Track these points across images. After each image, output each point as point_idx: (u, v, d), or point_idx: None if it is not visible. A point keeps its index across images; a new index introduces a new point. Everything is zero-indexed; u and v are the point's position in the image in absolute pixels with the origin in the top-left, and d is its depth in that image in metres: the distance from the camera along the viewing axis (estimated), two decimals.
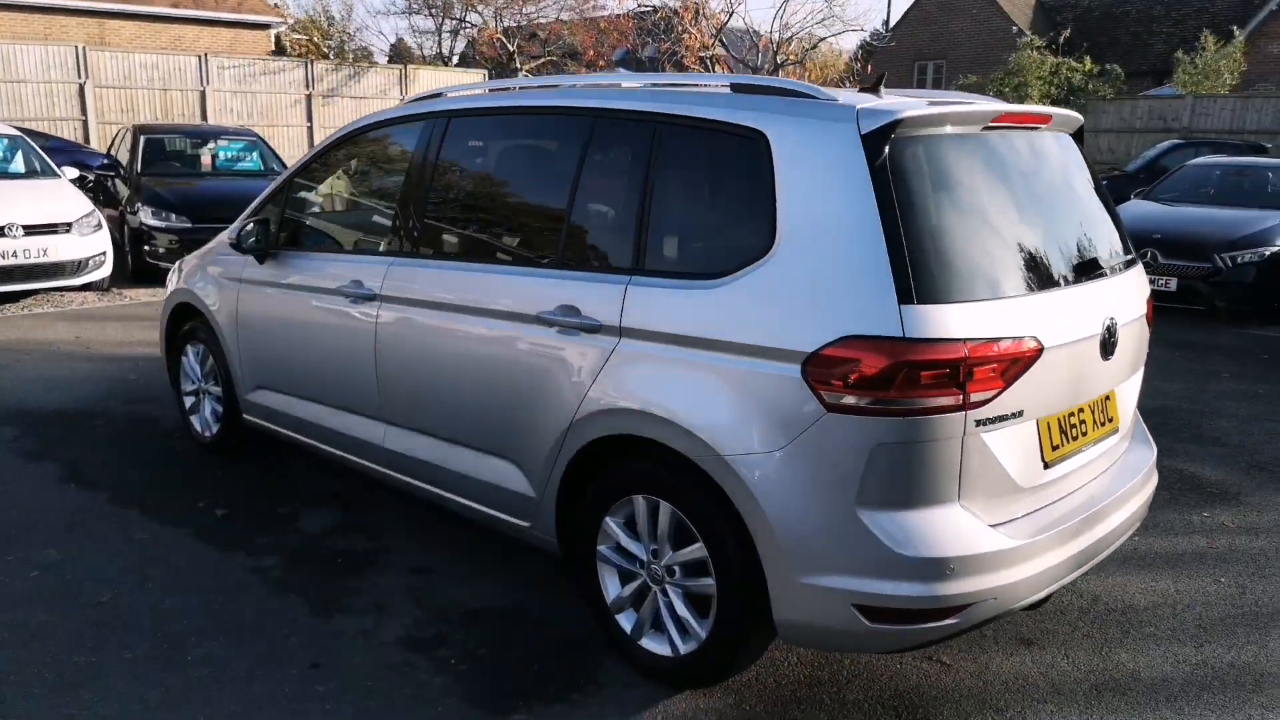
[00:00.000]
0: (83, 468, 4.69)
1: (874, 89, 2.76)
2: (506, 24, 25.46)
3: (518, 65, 24.84)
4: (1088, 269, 2.92)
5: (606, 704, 2.86)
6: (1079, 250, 2.95)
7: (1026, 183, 2.90)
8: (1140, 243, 8.60)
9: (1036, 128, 3.01)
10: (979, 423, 2.46)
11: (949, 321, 2.40)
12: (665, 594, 2.90)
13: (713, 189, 2.85)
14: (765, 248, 2.59)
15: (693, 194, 2.88)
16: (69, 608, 3.36)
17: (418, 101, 3.87)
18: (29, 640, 3.14)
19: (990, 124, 2.78)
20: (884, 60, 30.83)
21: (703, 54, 27.19)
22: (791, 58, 26.86)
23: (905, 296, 2.39)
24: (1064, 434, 2.76)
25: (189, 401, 5.05)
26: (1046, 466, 2.70)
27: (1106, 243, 3.10)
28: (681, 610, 2.85)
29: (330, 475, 4.64)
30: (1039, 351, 2.55)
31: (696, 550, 2.76)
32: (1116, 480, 3.00)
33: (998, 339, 2.45)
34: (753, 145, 2.68)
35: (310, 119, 20.73)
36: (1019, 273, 2.65)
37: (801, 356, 2.47)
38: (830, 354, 2.42)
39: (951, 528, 2.46)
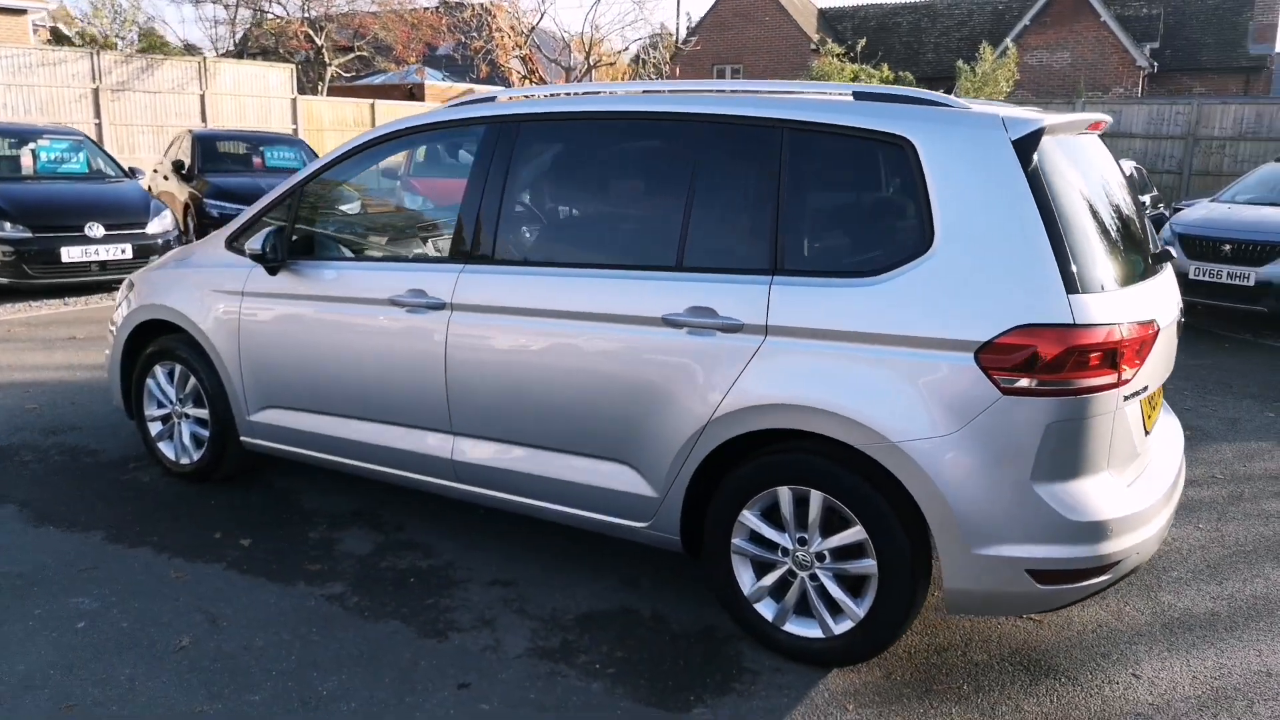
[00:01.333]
0: (47, 508, 4.22)
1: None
2: (312, 15, 24.26)
3: (327, 60, 23.77)
4: (1157, 258, 3.32)
5: (770, 689, 2.96)
6: (1148, 241, 3.34)
7: (1102, 182, 3.24)
8: (1219, 241, 8.65)
9: (1097, 133, 3.37)
10: (1125, 397, 2.76)
11: (1103, 308, 2.69)
12: (815, 579, 3.04)
13: (855, 192, 3.01)
14: (923, 246, 2.78)
15: (833, 197, 3.03)
16: (149, 658, 3.07)
17: (465, 106, 3.77)
18: (129, 695, 2.85)
19: (1085, 130, 3.10)
20: (685, 63, 31.81)
21: (516, 54, 27.10)
22: (605, 59, 27.25)
23: (1071, 287, 2.65)
24: (1151, 406, 3.13)
25: (155, 428, 4.63)
26: (1146, 434, 3.06)
27: (1150, 235, 3.52)
28: (836, 592, 3.00)
29: (331, 493, 4.43)
30: (1159, 333, 2.89)
31: (853, 534, 2.92)
32: (1171, 445, 3.41)
33: (1136, 322, 2.76)
34: (899, 151, 2.87)
35: (99, 114, 18.94)
36: (1123, 263, 2.98)
37: (974, 346, 2.68)
38: (1005, 342, 2.65)
39: (1107, 492, 2.76)
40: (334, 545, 3.93)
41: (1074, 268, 2.67)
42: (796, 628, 3.09)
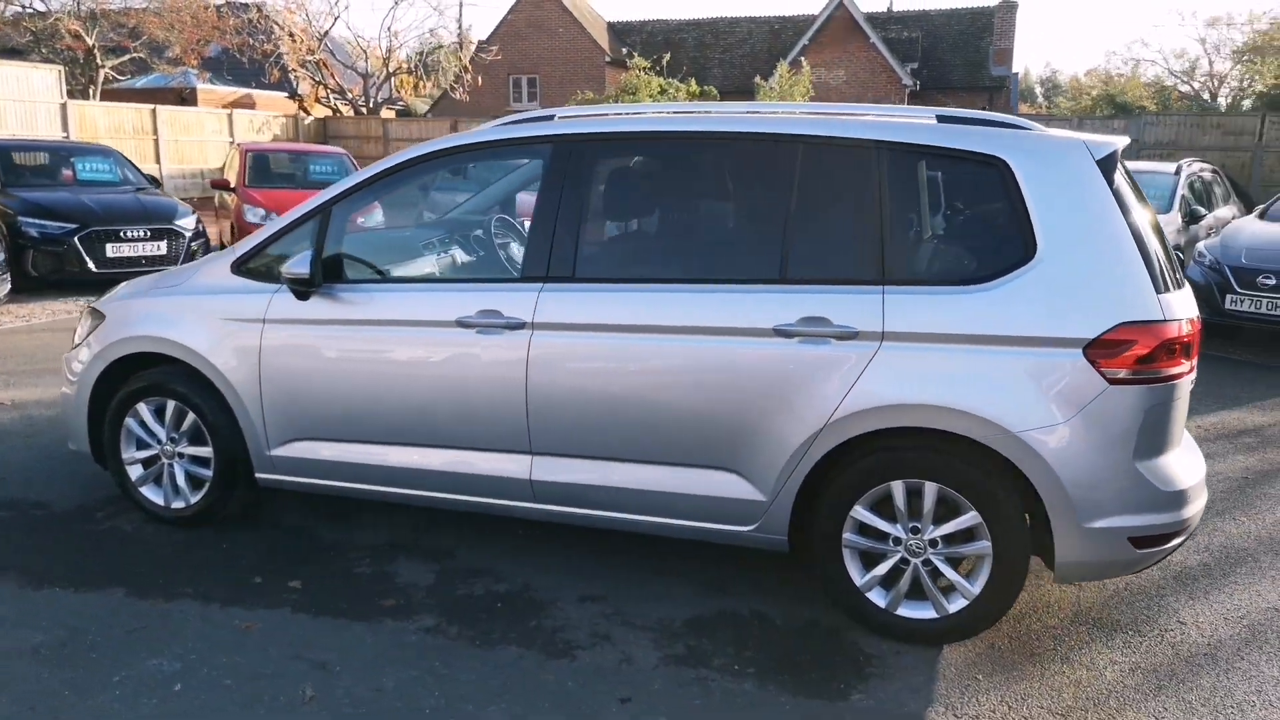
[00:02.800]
0: (34, 570, 3.77)
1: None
2: (83, 10, 22.00)
3: (100, 62, 21.62)
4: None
5: (902, 669, 3.19)
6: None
7: (1138, 195, 3.66)
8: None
9: None
10: (1190, 383, 3.21)
11: (1178, 306, 3.12)
12: (928, 564, 3.29)
13: (955, 207, 3.30)
14: (1026, 255, 3.11)
15: (935, 211, 3.30)
16: (284, 713, 2.87)
17: (521, 125, 3.74)
18: None
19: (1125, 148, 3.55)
20: (484, 72, 31.57)
21: (309, 58, 25.92)
22: (403, 66, 26.61)
23: (1158, 288, 3.06)
24: None
25: (136, 472, 4.23)
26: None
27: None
28: (951, 574, 3.27)
29: (350, 527, 4.24)
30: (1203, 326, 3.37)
31: (967, 520, 3.20)
32: None
33: (1193, 318, 3.22)
34: (994, 170, 3.18)
35: None
36: (1172, 266, 3.40)
37: (1083, 342, 3.03)
38: (1111, 338, 3.02)
39: (1182, 465, 3.20)
40: (392, 579, 3.77)
41: (1155, 271, 3.09)
42: (910, 611, 3.33)
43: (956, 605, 3.28)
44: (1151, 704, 3.02)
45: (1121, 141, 3.23)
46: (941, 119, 3.39)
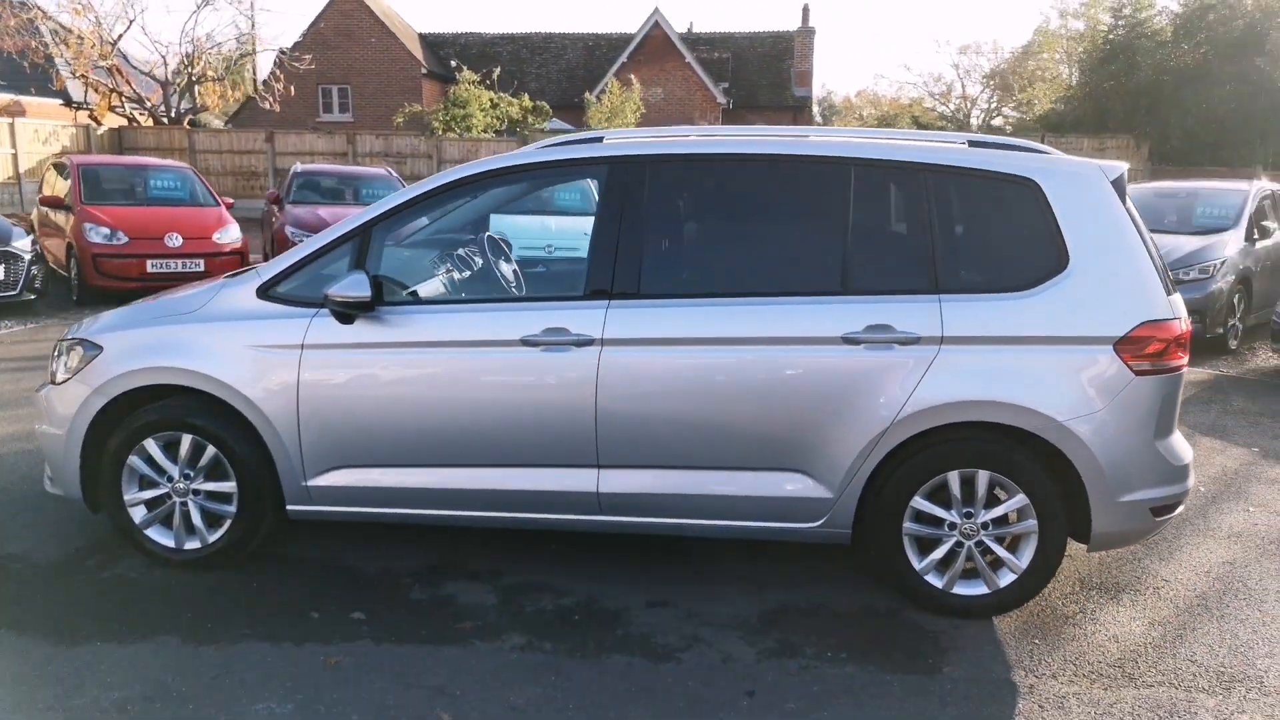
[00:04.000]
0: (57, 627, 3.47)
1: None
2: None
3: None
4: None
5: (970, 642, 3.52)
6: None
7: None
8: None
9: None
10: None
11: (1179, 307, 3.63)
12: (980, 544, 3.65)
13: (994, 221, 3.67)
14: (1060, 265, 3.53)
15: (977, 226, 3.65)
16: None
17: (573, 146, 3.82)
18: None
19: None
20: (294, 82, 30.23)
21: (100, 64, 23.94)
22: (210, 74, 25.10)
23: (1166, 291, 3.56)
24: None
25: (139, 514, 3.95)
26: None
27: None
28: (1001, 552, 3.63)
29: (380, 554, 4.14)
30: None
31: (1015, 502, 3.58)
32: None
33: (1187, 316, 3.74)
34: (1027, 190, 3.59)
35: None
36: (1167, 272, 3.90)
37: (1113, 340, 3.48)
38: (1136, 335, 3.48)
39: (1182, 442, 3.72)
40: (454, 601, 3.74)
41: (1162, 276, 3.59)
42: (964, 589, 3.68)
43: (1006, 580, 3.65)
44: (1184, 650, 3.50)
45: (1124, 166, 3.72)
46: (972, 143, 3.77)
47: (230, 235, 11.32)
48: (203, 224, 11.29)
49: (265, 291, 3.84)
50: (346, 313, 3.68)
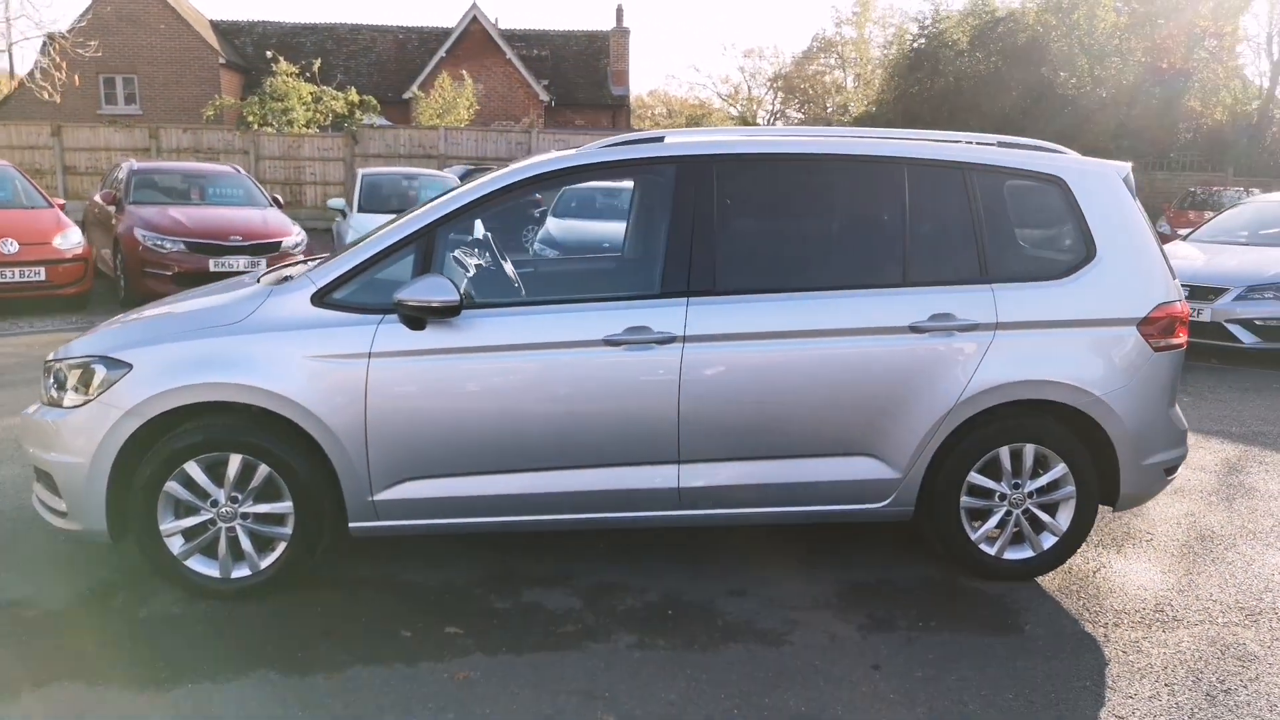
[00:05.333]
0: (127, 674, 3.16)
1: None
2: None
3: None
4: None
5: (1030, 601, 3.84)
6: None
7: None
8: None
9: None
10: None
11: (1180, 290, 4.10)
12: (1027, 512, 3.98)
13: (1030, 216, 4.00)
14: (1089, 255, 3.91)
15: (1017, 220, 3.97)
16: None
17: (634, 145, 3.83)
18: None
19: None
20: (76, 69, 27.57)
21: None
22: None
23: (1173, 275, 4.02)
24: None
25: (177, 544, 3.63)
26: None
27: None
28: (1045, 518, 3.98)
29: (436, 565, 4.02)
30: None
31: (1057, 471, 3.94)
32: None
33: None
34: (1056, 187, 3.95)
35: None
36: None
37: (1136, 320, 3.90)
38: (1155, 316, 3.92)
39: (1179, 410, 4.20)
40: (540, 607, 3.69)
41: (1168, 263, 4.05)
42: (1013, 554, 4.00)
43: (1048, 543, 4.00)
44: (1203, 591, 3.97)
45: (1129, 165, 4.16)
46: (1002, 144, 4.10)
47: (71, 240, 10.27)
48: (40, 228, 10.20)
49: (321, 298, 3.62)
50: (420, 317, 3.54)
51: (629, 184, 14.26)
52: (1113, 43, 22.23)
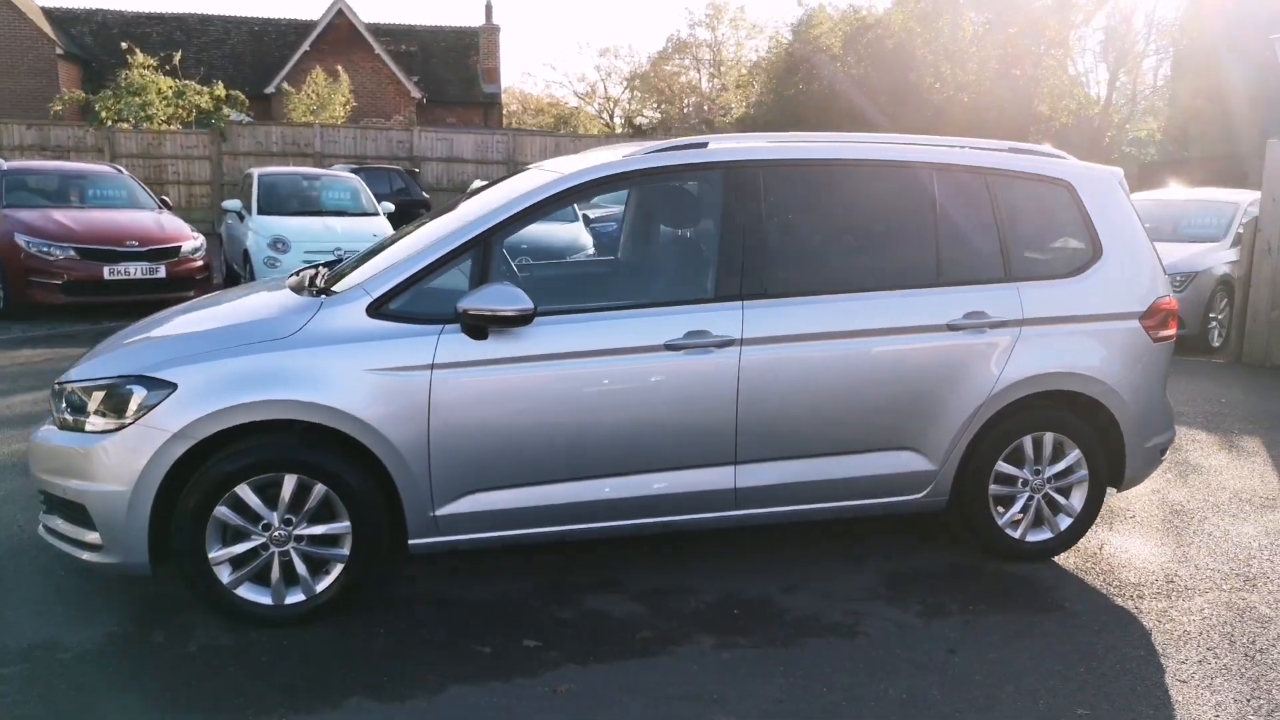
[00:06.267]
0: (208, 712, 2.98)
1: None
2: None
3: None
4: None
5: (1058, 581, 4.09)
6: None
7: None
8: None
9: None
10: None
11: (1169, 285, 4.45)
12: (1047, 497, 4.23)
13: (1043, 217, 4.24)
14: (1096, 254, 4.20)
15: (1031, 221, 4.20)
16: None
17: (681, 151, 3.84)
18: None
19: None
20: None
21: None
22: None
23: (1163, 271, 4.36)
24: None
25: (225, 572, 3.43)
26: None
27: None
28: (1062, 501, 4.24)
29: (489, 579, 3.94)
30: None
31: (1072, 457, 4.21)
32: None
33: None
34: (1065, 191, 4.21)
35: None
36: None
37: (1138, 314, 4.21)
38: (1153, 309, 4.24)
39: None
40: (607, 615, 3.67)
41: (1159, 260, 4.38)
42: (1035, 537, 4.25)
43: (1064, 524, 4.27)
44: (1200, 560, 4.32)
45: (1121, 171, 4.47)
46: (1013, 150, 4.33)
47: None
48: None
49: (377, 309, 3.49)
50: (483, 327, 3.47)
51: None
52: (971, 49, 23.57)
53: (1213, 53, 22.04)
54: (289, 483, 3.41)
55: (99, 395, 3.41)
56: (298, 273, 4.37)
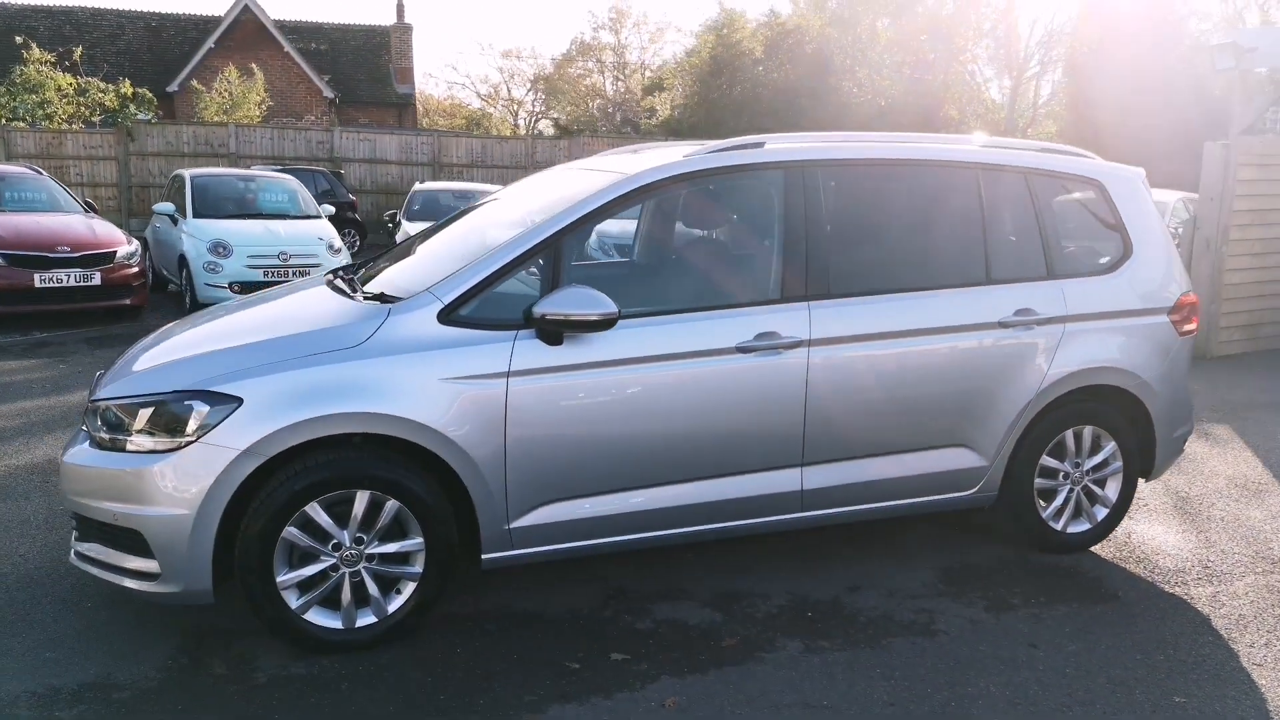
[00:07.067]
0: None
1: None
2: None
3: None
4: None
5: (1102, 572, 4.19)
6: None
7: None
8: None
9: None
10: None
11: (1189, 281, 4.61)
12: (1085, 489, 4.33)
13: (1079, 216, 4.32)
14: (1127, 252, 4.32)
15: (1067, 219, 4.29)
16: None
17: (738, 151, 3.78)
18: None
19: None
20: None
21: None
22: None
23: (1183, 269, 4.52)
24: None
25: (293, 597, 3.23)
26: None
27: None
28: (1098, 492, 4.35)
29: (547, 593, 3.82)
30: None
31: (1108, 450, 4.32)
32: None
33: None
34: (1097, 189, 4.32)
35: None
36: None
37: (1166, 309, 4.35)
38: (1179, 304, 4.38)
39: None
40: (684, 623, 3.60)
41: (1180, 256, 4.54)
42: (1075, 528, 4.34)
43: (1101, 515, 4.38)
44: (1224, 546, 4.48)
45: (1143, 170, 4.61)
46: (1044, 149, 4.42)
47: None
48: None
49: (448, 315, 3.33)
50: (559, 332, 3.35)
51: (474, 188, 13.96)
52: (885, 56, 24.20)
53: (1105, 59, 23.12)
54: (361, 499, 3.23)
55: (146, 413, 3.17)
56: (333, 273, 4.18)
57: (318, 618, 3.27)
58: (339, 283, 4.02)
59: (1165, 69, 22.38)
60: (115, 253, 9.80)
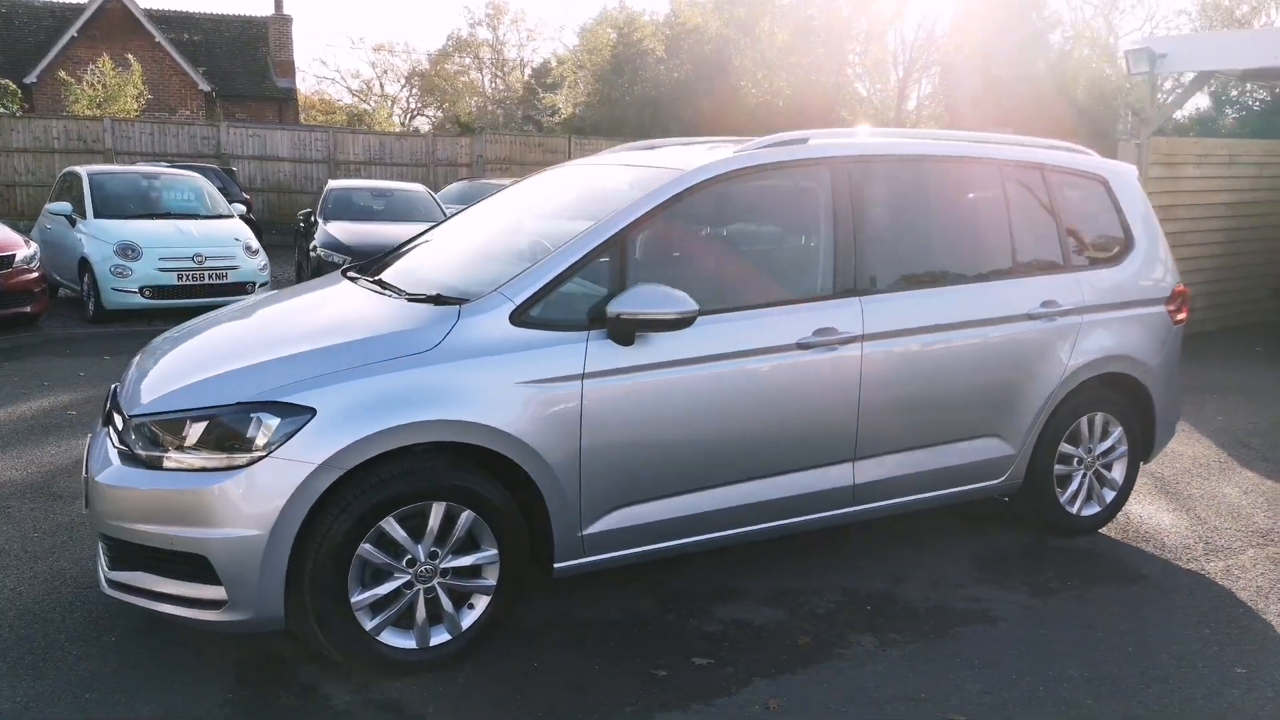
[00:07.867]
0: None
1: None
2: None
3: None
4: None
5: (1119, 553, 4.36)
6: None
7: None
8: None
9: None
10: None
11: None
12: (1096, 473, 4.50)
13: (1087, 210, 4.48)
14: (1130, 244, 4.51)
15: (1077, 213, 4.43)
16: None
17: (785, 147, 3.75)
18: None
19: None
20: None
21: None
22: None
23: (1173, 261, 4.76)
24: None
25: (366, 619, 3.04)
26: None
27: None
28: (1107, 475, 4.53)
29: (601, 599, 3.73)
30: None
31: (1116, 435, 4.51)
32: None
33: None
34: (1101, 185, 4.50)
35: None
36: None
37: (1163, 299, 4.57)
38: (1174, 294, 4.61)
39: None
40: (750, 623, 3.56)
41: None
42: (1087, 511, 4.51)
43: (1109, 497, 4.56)
44: (1220, 523, 4.73)
45: (1135, 167, 4.82)
46: (1051, 146, 4.56)
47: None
48: None
49: (520, 317, 3.19)
50: (632, 331, 3.26)
51: (392, 186, 13.50)
52: (784, 58, 24.69)
53: (978, 61, 24.21)
54: (436, 511, 3.06)
55: (199, 427, 2.92)
56: (351, 267, 3.98)
57: (391, 638, 3.08)
58: (366, 281, 3.81)
59: (1034, 75, 23.70)
60: (13, 256, 9.07)
